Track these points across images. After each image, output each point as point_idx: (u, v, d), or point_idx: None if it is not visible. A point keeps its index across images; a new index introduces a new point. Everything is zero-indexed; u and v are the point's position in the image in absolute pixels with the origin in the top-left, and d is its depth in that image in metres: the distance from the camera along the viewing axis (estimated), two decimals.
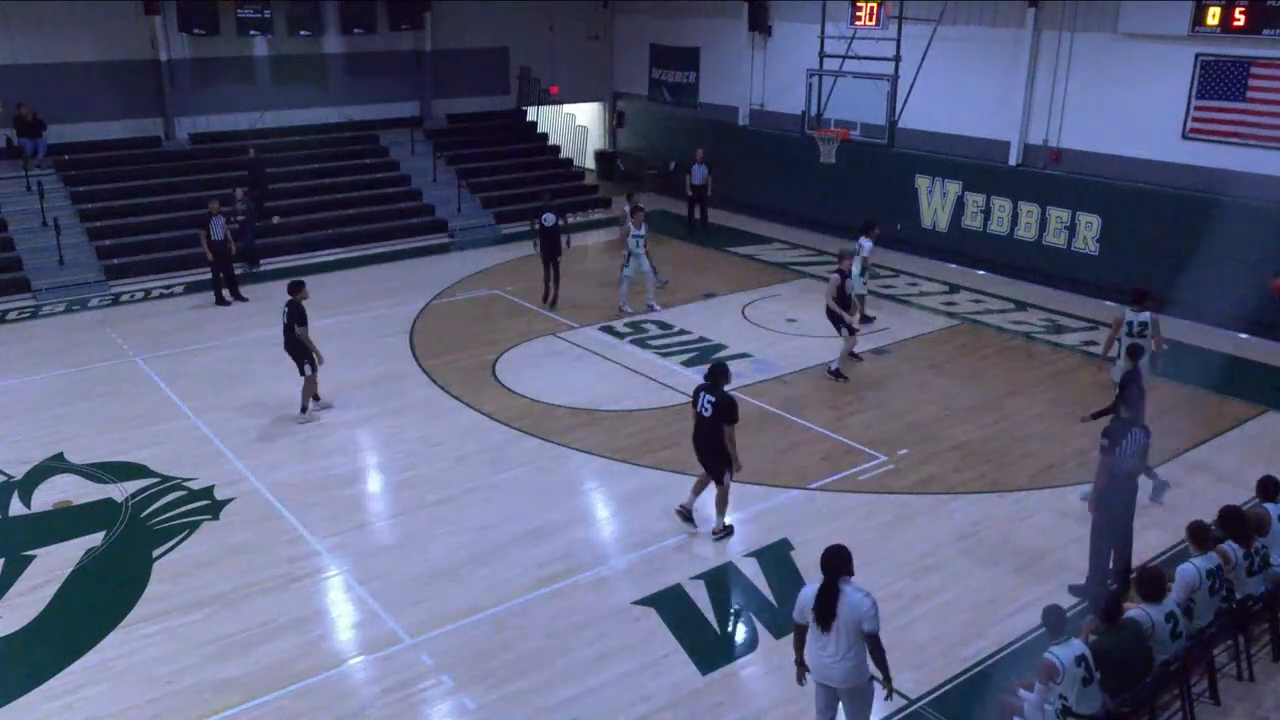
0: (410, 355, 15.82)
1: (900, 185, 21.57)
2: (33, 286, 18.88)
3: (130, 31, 22.23)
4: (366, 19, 24.69)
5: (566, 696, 8.15)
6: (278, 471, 11.94)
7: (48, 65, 21.39)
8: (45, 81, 21.30)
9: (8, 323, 17.51)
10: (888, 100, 17.42)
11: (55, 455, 12.34)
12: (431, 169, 24.56)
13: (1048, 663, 6.78)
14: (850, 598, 6.56)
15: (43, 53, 21.31)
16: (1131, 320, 12.11)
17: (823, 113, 18.62)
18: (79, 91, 21.77)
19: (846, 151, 19.21)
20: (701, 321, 17.23)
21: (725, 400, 9.98)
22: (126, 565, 10.10)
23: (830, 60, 18.35)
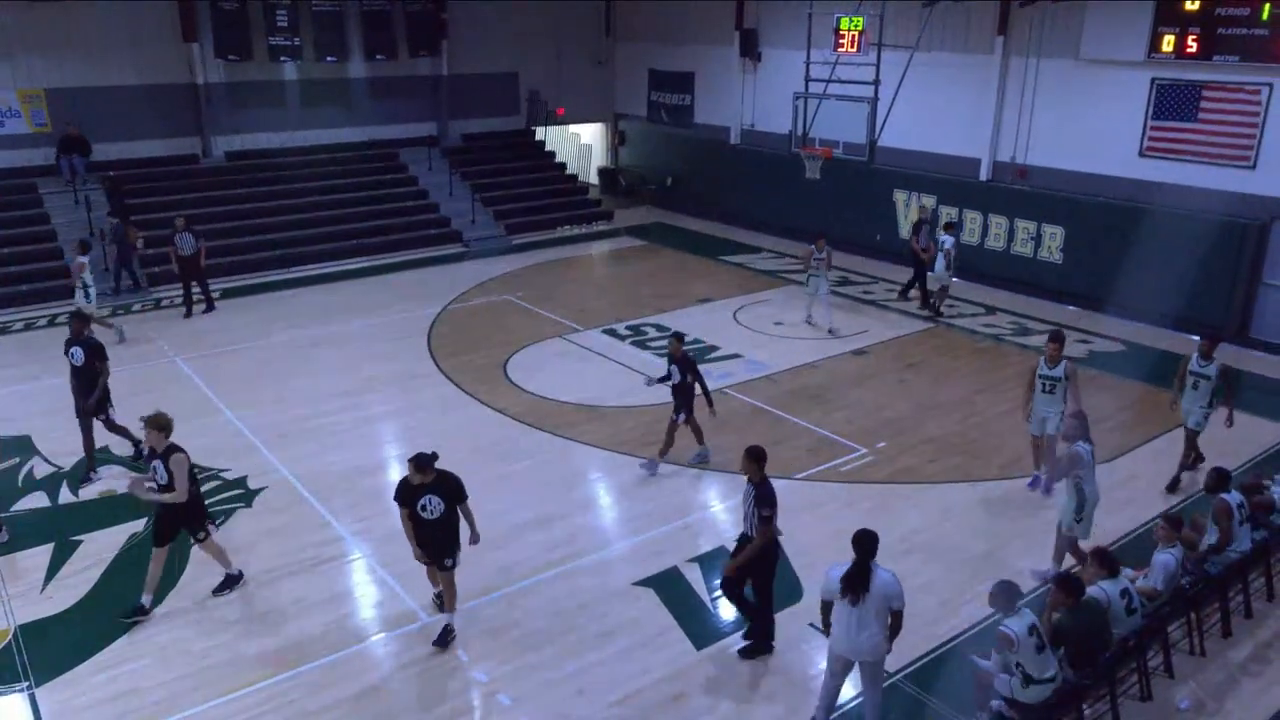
0: (428, 355, 15.80)
1: (880, 199, 21.56)
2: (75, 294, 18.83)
3: (170, 57, 22.20)
4: (388, 46, 24.66)
5: (572, 670, 8.15)
6: (305, 463, 11.91)
7: (95, 88, 21.37)
8: (92, 103, 21.28)
9: (57, 325, 17.46)
10: (868, 121, 17.40)
11: (101, 449, 12.29)
12: (448, 184, 24.54)
13: (1004, 634, 6.85)
14: (881, 577, 6.78)
15: (90, 77, 21.29)
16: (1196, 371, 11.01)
17: (808, 132, 18.60)
18: (122, 112, 21.74)
19: (830, 168, 19.18)
20: (696, 324, 17.20)
21: (452, 491, 8.24)
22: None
23: (815, 84, 18.33)
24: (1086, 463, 8.80)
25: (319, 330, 17.03)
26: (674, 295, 19.01)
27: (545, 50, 27.40)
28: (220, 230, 20.48)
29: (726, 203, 25.40)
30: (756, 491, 7.92)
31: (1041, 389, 10.77)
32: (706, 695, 7.88)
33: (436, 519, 8.02)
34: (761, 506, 7.82)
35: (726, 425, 13.01)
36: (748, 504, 8.04)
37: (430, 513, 8.01)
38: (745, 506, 8.11)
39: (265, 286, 19.84)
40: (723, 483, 11.45)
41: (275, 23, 22.81)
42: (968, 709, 7.54)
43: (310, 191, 23.01)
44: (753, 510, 7.93)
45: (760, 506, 7.83)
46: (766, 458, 8.10)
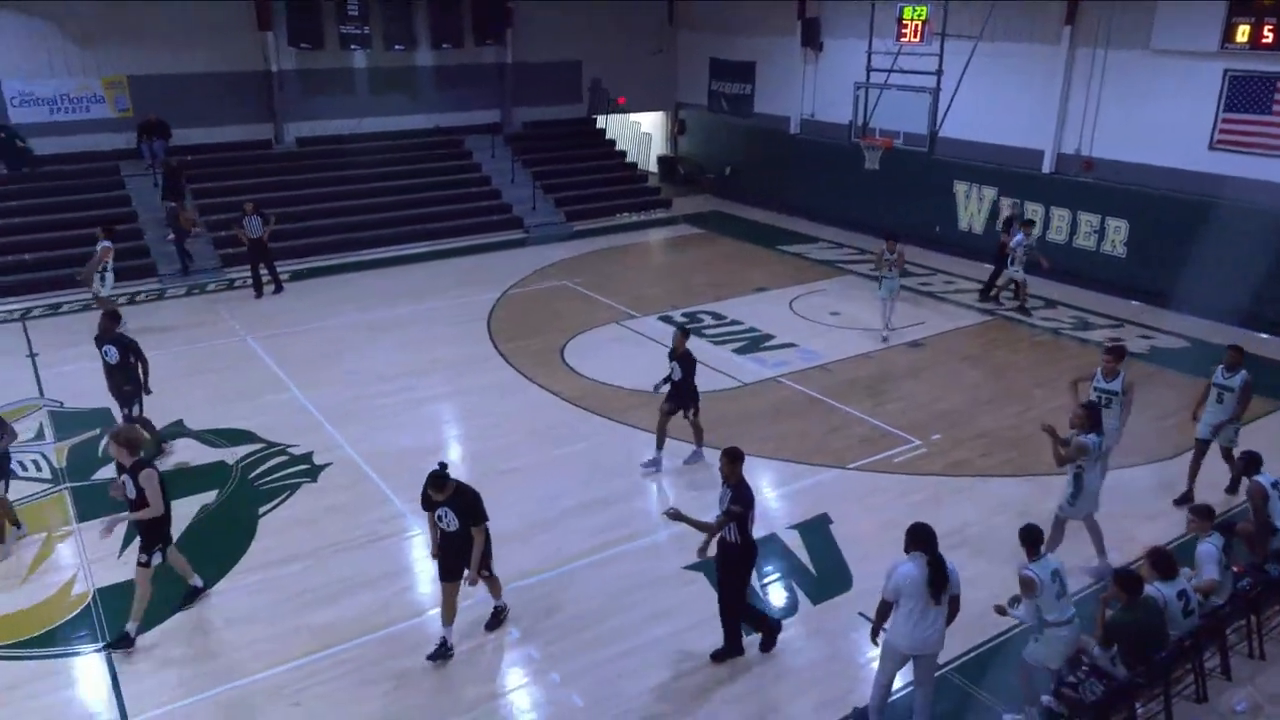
0: (488, 339, 15.95)
1: (940, 190, 21.18)
2: (158, 272, 19.40)
3: (245, 46, 22.65)
4: (454, 35, 24.85)
5: (621, 650, 8.19)
6: (368, 441, 12.11)
7: (174, 75, 21.90)
8: (171, 90, 21.82)
9: (137, 303, 17.99)
10: (929, 111, 17.14)
11: (176, 422, 12.66)
12: (510, 171, 24.70)
13: (1027, 578, 6.88)
14: (951, 570, 6.73)
15: (170, 64, 21.80)
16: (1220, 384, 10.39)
17: (868, 122, 18.37)
18: (200, 99, 22.26)
19: (889, 158, 18.91)
20: (752, 313, 17.11)
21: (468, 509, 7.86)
22: (236, 521, 10.33)
23: (877, 74, 18.07)
24: (1092, 454, 8.73)
25: (383, 312, 17.29)
26: (730, 284, 18.92)
27: (608, 40, 27.35)
28: (290, 214, 20.86)
29: (785, 192, 25.18)
30: (733, 493, 7.60)
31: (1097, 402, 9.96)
32: (753, 680, 7.87)
33: (453, 532, 7.81)
34: (733, 503, 7.55)
35: (780, 413, 12.96)
36: (725, 504, 7.70)
37: (446, 524, 7.82)
38: (722, 507, 7.74)
39: (332, 269, 20.19)
40: (775, 470, 11.40)
41: (346, 12, 23.14)
42: (1016, 703, 7.42)
43: (377, 177, 23.32)
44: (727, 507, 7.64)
45: (732, 503, 7.55)
46: (744, 459, 7.74)
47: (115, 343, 11.16)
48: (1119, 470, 10.62)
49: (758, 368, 14.57)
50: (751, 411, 13.05)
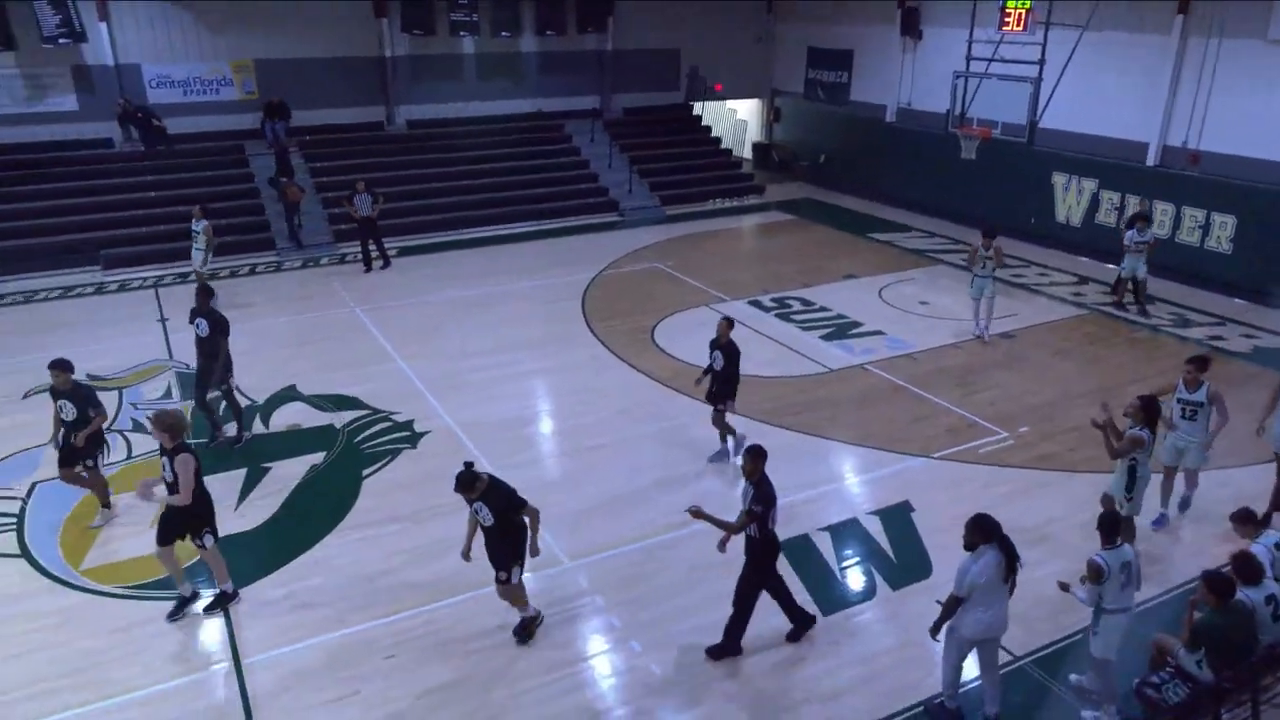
0: (581, 317, 16.08)
1: (1037, 181, 20.42)
2: (276, 245, 20.12)
3: (362, 32, 23.21)
4: (558, 23, 24.99)
5: (698, 624, 8.20)
6: (466, 411, 12.35)
7: (296, 60, 22.60)
8: (293, 73, 22.53)
9: (256, 275, 18.70)
10: (1029, 101, 16.49)
11: (289, 386, 13.13)
12: (608, 155, 24.78)
13: (1095, 564, 6.75)
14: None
15: (292, 49, 22.51)
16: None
17: (966, 112, 17.79)
18: (319, 82, 22.92)
19: (986, 148, 18.28)
20: (841, 300, 16.83)
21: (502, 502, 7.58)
22: (341, 481, 10.67)
23: (976, 63, 17.47)
24: (1146, 447, 8.46)
25: (483, 289, 17.58)
26: (819, 270, 18.65)
27: (707, 28, 27.14)
28: (399, 193, 21.36)
29: (878, 181, 24.64)
30: (755, 491, 7.40)
31: (1180, 414, 9.42)
32: (828, 660, 7.80)
33: (490, 527, 7.58)
34: (754, 503, 7.33)
35: (866, 400, 12.74)
36: (746, 502, 7.49)
37: (483, 519, 7.59)
38: (745, 504, 7.53)
39: (437, 246, 20.60)
40: (859, 456, 11.23)
41: (457, 0, 23.48)
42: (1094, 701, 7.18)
43: (481, 159, 23.67)
44: (749, 505, 7.43)
45: (753, 503, 7.34)
46: (767, 456, 7.51)
47: (208, 317, 11.15)
48: (1215, 472, 10.11)
49: (845, 354, 14.35)
50: (837, 397, 12.87)
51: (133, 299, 17.13)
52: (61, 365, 9.32)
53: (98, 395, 9.63)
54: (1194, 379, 9.31)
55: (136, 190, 20.51)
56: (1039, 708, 7.37)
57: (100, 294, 17.51)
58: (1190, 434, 9.37)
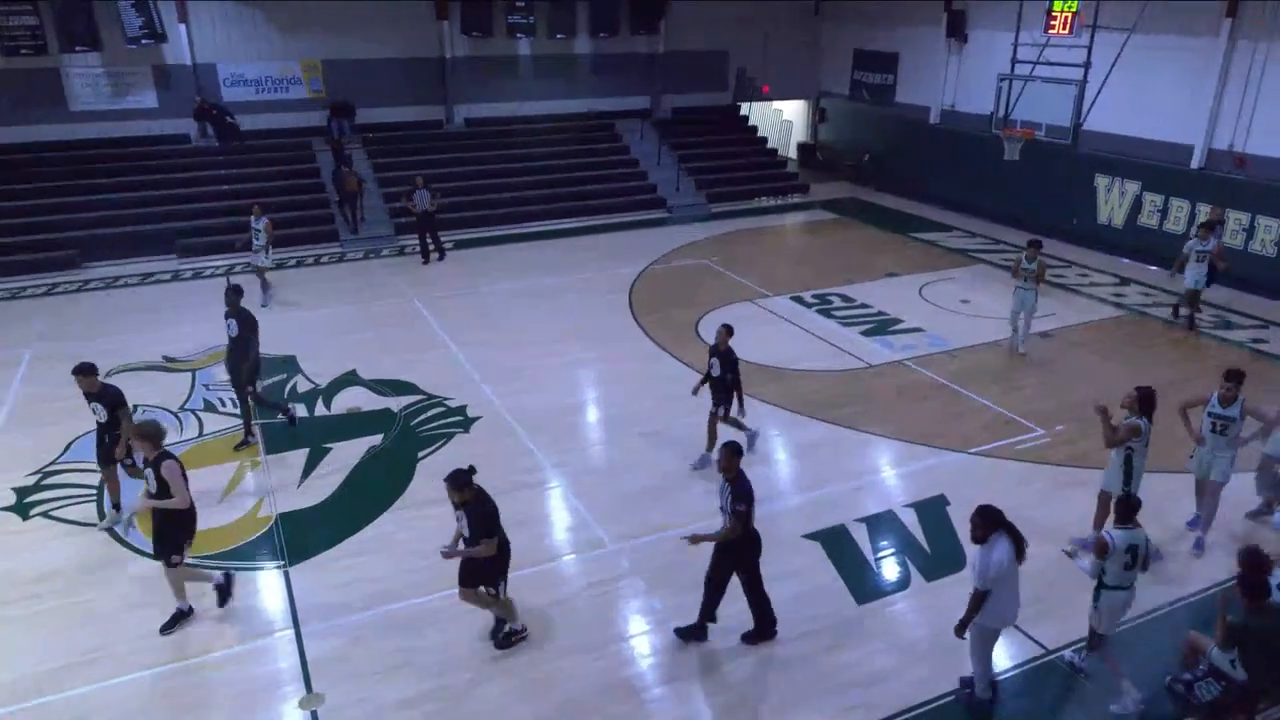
0: (629, 310, 16.11)
1: (1080, 183, 20.00)
2: (340, 237, 20.44)
3: (424, 34, 23.44)
4: (611, 24, 25.01)
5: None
6: (516, 398, 12.45)
7: (361, 60, 22.90)
8: (358, 73, 22.83)
9: (320, 265, 19.03)
10: (1074, 103, 16.16)
11: (350, 371, 13.36)
12: (656, 153, 24.76)
13: (1103, 540, 6.82)
14: None
15: (357, 50, 22.81)
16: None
17: (1010, 113, 17.48)
18: (382, 81, 23.21)
19: (1029, 150, 17.94)
20: (881, 297, 16.66)
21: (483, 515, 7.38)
22: (398, 462, 10.82)
23: (1021, 66, 17.14)
24: (1143, 436, 8.34)
25: (535, 281, 17.70)
26: (861, 268, 18.47)
27: (755, 30, 26.94)
28: (456, 189, 21.57)
29: (922, 181, 24.32)
30: (733, 488, 7.28)
31: (1211, 428, 8.90)
32: (861, 648, 7.76)
33: (469, 537, 7.32)
34: (738, 502, 7.23)
35: (903, 395, 12.62)
36: (724, 499, 7.39)
37: (463, 529, 7.34)
38: (723, 501, 7.44)
39: (491, 240, 20.77)
40: (895, 450, 11.13)
41: (515, 3, 23.62)
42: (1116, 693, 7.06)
43: (534, 156, 23.78)
44: (729, 505, 7.33)
45: (736, 502, 7.23)
46: (743, 454, 7.43)
47: (238, 317, 10.94)
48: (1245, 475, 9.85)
49: (884, 350, 14.21)
50: (875, 391, 12.76)
51: (205, 286, 17.53)
52: (85, 369, 9.05)
53: (124, 396, 9.29)
54: (1231, 395, 8.84)
55: (210, 184, 20.97)
56: (1072, 700, 7.26)
57: (176, 281, 17.96)
58: (1219, 448, 8.93)
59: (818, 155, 28.80)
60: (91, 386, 9.05)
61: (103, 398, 9.08)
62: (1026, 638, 7.84)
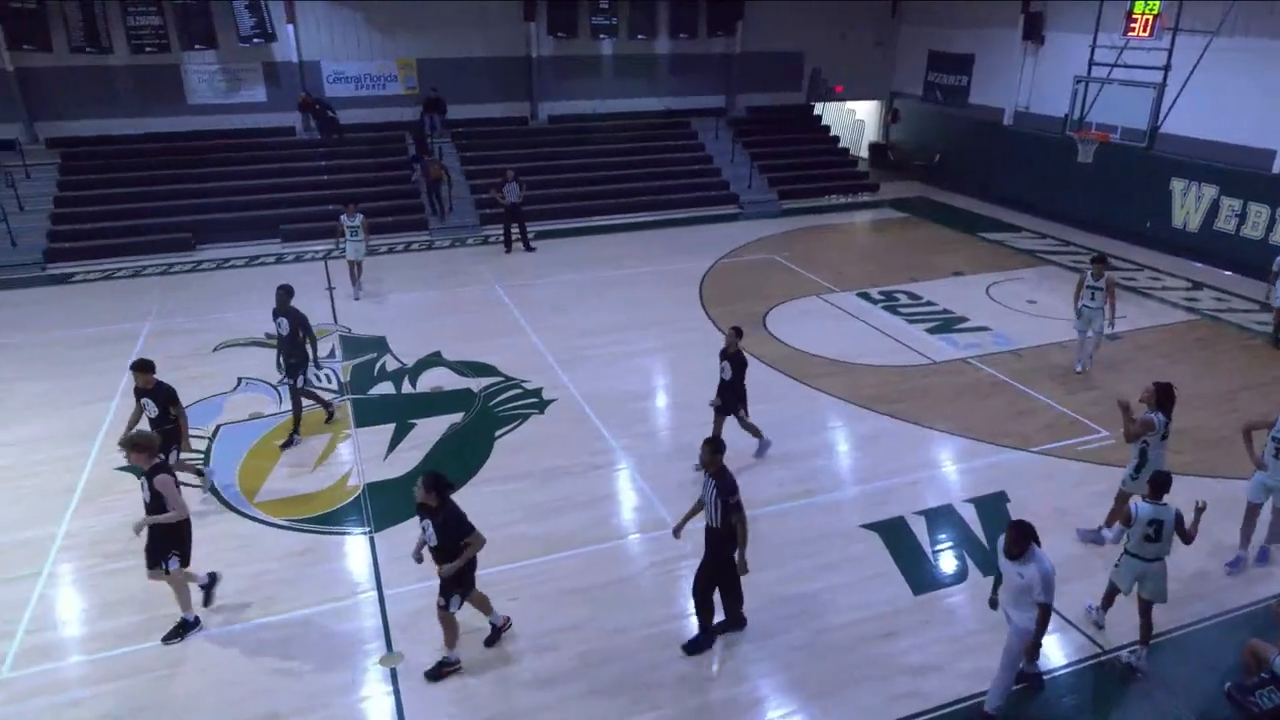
0: (698, 302, 16.06)
1: (1155, 187, 19.16)
2: (429, 227, 20.83)
3: (511, 34, 23.65)
4: (690, 26, 24.87)
5: (795, 593, 8.15)
6: (589, 383, 12.53)
7: (452, 59, 23.24)
8: (449, 71, 23.18)
9: (411, 251, 19.42)
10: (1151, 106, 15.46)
11: (434, 352, 13.63)
12: (730, 151, 24.56)
13: (1127, 510, 7.04)
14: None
15: (449, 49, 23.16)
16: None
17: (1085, 116, 16.82)
18: (472, 79, 23.52)
19: (1103, 152, 17.27)
20: (948, 295, 16.26)
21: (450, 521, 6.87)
22: (476, 440, 11.00)
23: (1098, 68, 16.48)
24: (1157, 430, 8.23)
25: (610, 272, 17.76)
26: (928, 266, 18.04)
27: (830, 31, 26.49)
28: (538, 182, 21.72)
29: (993, 182, 23.62)
30: (718, 483, 7.03)
31: (1274, 453, 8.15)
32: (915, 638, 7.61)
33: (435, 547, 6.85)
34: (727, 495, 6.96)
35: (966, 392, 12.31)
36: (709, 494, 7.11)
37: (429, 539, 6.86)
38: (707, 497, 7.15)
39: (570, 231, 20.90)
40: (956, 446, 10.87)
41: (599, 4, 23.66)
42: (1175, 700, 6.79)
43: (613, 152, 23.83)
44: (716, 501, 7.03)
45: (726, 495, 6.97)
46: (725, 450, 7.19)
47: (288, 315, 10.70)
48: None
49: (949, 348, 13.88)
50: (938, 388, 12.47)
51: (305, 269, 18.07)
52: (143, 366, 8.86)
53: (177, 394, 9.08)
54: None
55: (312, 173, 21.57)
56: (1128, 699, 7.02)
57: (279, 263, 18.54)
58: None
59: (889, 155, 28.20)
60: (148, 383, 8.85)
61: (156, 394, 8.88)
62: (1085, 638, 7.60)
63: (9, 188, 19.23)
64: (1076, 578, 8.18)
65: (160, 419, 8.90)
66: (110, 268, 18.15)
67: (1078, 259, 18.47)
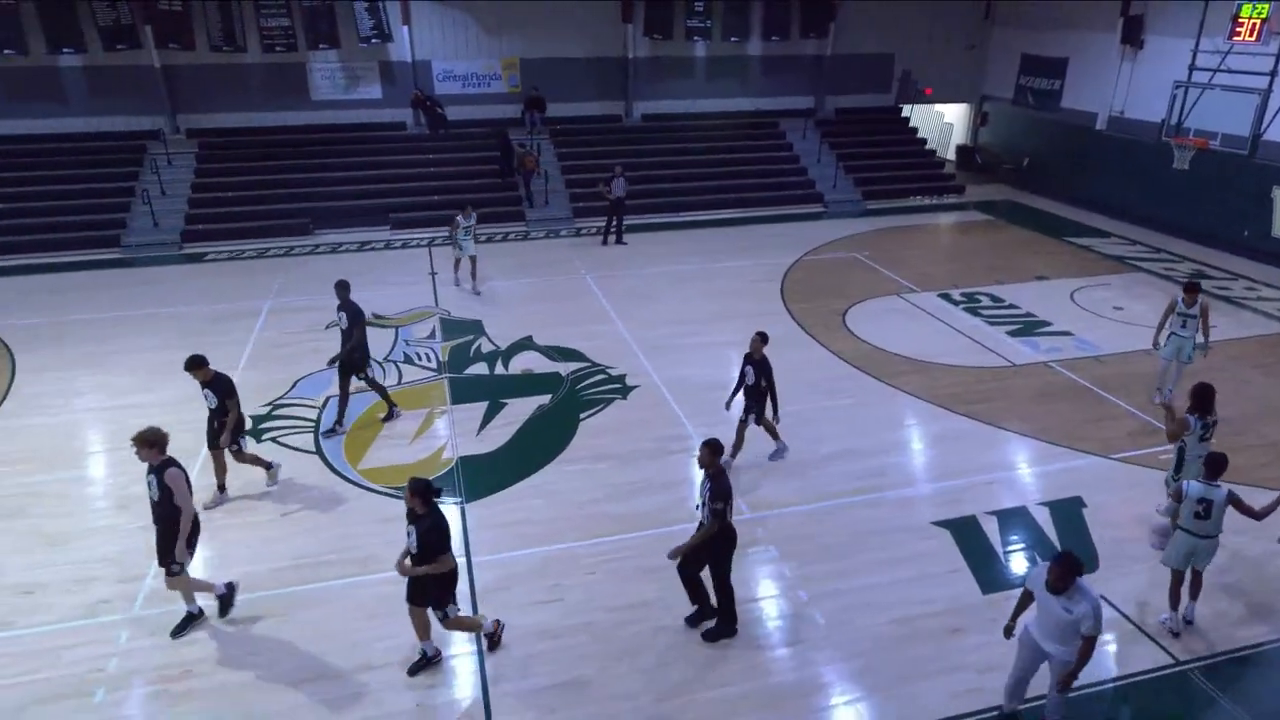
0: (780, 297, 15.87)
1: (1254, 194, 17.96)
2: (526, 218, 21.13)
3: (609, 36, 23.74)
4: (782, 28, 24.50)
5: (863, 584, 8.01)
6: (671, 371, 12.55)
7: (553, 59, 23.47)
8: (549, 71, 23.42)
9: (508, 241, 19.76)
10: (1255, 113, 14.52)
11: (526, 337, 13.85)
12: (817, 151, 24.15)
13: (1178, 488, 7.16)
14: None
15: (549, 49, 23.39)
16: None
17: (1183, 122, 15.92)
18: (570, 79, 23.71)
19: (1200, 159, 16.31)
20: (1030, 299, 15.65)
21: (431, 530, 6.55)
22: (562, 421, 11.14)
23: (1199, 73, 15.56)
24: (1194, 431, 8.20)
25: (695, 265, 17.71)
26: (1012, 269, 17.39)
27: (922, 34, 25.73)
28: (630, 178, 21.76)
29: (1082, 187, 22.58)
30: (712, 484, 6.83)
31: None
32: (982, 635, 7.39)
33: (415, 554, 6.55)
34: (715, 500, 6.80)
35: (1046, 396, 11.85)
36: (703, 494, 6.92)
37: (411, 545, 6.54)
38: (701, 495, 6.99)
39: (659, 226, 20.91)
40: (1033, 448, 10.48)
41: (694, 7, 23.53)
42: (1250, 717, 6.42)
43: (702, 151, 23.70)
44: (708, 500, 6.87)
45: (714, 500, 6.80)
46: (723, 450, 6.97)
47: (347, 309, 10.45)
48: None
49: (1029, 351, 13.37)
50: (1017, 390, 12.03)
51: (411, 255, 18.59)
52: (197, 363, 8.77)
53: (234, 385, 9.05)
54: None
55: (420, 166, 22.14)
56: (1202, 712, 6.67)
57: (387, 249, 19.12)
58: None
59: (976, 158, 27.24)
60: (205, 376, 8.80)
61: (215, 386, 8.85)
62: (1160, 648, 7.25)
63: (153, 174, 20.35)
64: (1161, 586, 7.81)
65: (219, 409, 8.93)
66: (238, 248, 19.04)
67: (1169, 266, 17.54)
